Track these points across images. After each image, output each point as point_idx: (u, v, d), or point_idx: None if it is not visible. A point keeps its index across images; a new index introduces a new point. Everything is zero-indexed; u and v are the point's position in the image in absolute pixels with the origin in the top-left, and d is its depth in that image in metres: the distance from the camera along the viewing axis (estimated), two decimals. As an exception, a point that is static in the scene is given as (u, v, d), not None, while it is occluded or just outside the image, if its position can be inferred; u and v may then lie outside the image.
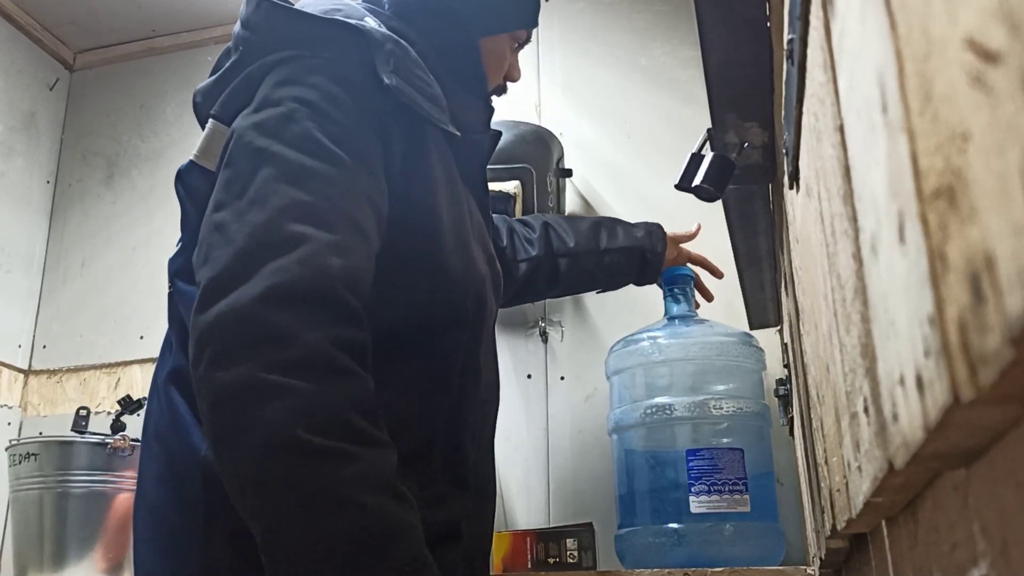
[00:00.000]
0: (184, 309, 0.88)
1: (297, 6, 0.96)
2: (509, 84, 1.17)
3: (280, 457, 0.67)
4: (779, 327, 1.66)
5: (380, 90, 0.86)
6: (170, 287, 0.94)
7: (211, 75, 1.00)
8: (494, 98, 1.15)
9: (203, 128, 0.96)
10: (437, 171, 0.93)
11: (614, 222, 1.47)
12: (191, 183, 0.92)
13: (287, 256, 0.73)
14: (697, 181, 1.08)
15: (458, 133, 0.95)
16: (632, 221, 1.51)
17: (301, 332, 0.70)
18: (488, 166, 1.83)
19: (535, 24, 1.13)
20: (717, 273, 1.54)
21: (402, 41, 0.92)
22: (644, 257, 1.44)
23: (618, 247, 1.42)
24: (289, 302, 0.71)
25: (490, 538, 1.05)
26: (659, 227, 1.48)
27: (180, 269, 0.92)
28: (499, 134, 1.16)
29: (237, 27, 0.96)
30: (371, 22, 0.93)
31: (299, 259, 0.73)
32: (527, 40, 1.15)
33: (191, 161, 0.92)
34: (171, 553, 0.84)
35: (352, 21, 0.90)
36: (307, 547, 0.66)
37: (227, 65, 0.95)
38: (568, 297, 1.97)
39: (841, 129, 0.38)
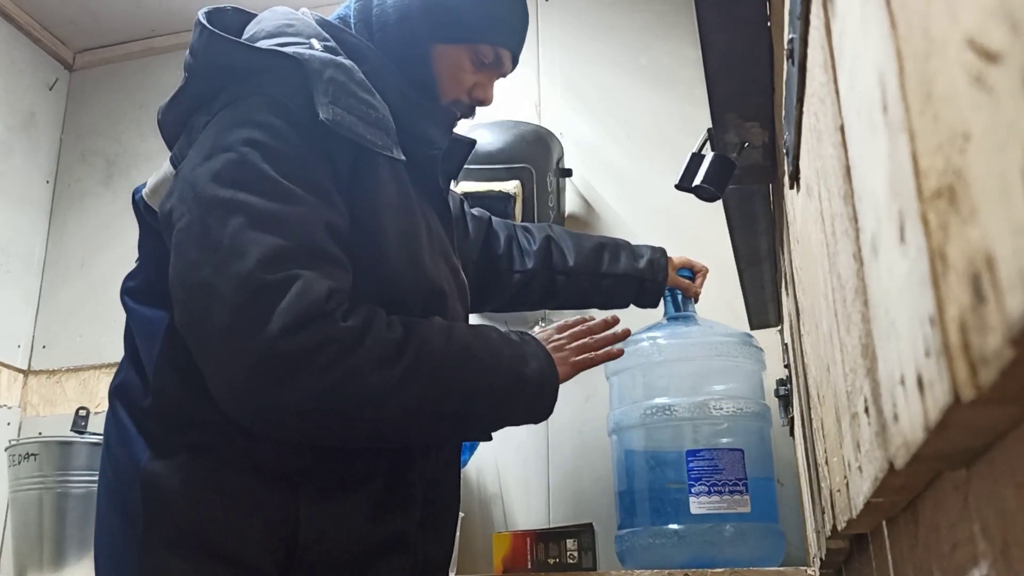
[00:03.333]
0: (136, 328, 0.97)
1: (250, 24, 1.00)
2: (481, 107, 1.14)
3: (407, 384, 0.84)
4: (779, 327, 1.66)
5: (319, 122, 0.89)
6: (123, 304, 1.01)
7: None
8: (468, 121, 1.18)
9: (170, 147, 1.00)
10: (384, 193, 0.95)
11: (618, 246, 1.43)
12: (143, 212, 0.99)
13: (284, 298, 0.80)
14: (697, 181, 1.08)
15: (402, 158, 0.96)
16: (639, 244, 1.47)
17: (330, 335, 0.82)
18: (488, 166, 1.85)
19: (499, 43, 1.10)
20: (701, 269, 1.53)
21: (346, 63, 0.93)
22: (643, 286, 1.41)
23: (617, 273, 1.40)
24: (303, 327, 0.80)
25: (449, 548, 1.07)
26: (663, 255, 1.44)
27: (134, 289, 1.00)
28: (473, 142, 1.18)
29: (187, 55, 0.99)
30: (316, 44, 0.95)
31: (297, 295, 0.81)
32: (496, 62, 1.12)
33: (142, 196, 0.99)
34: (115, 560, 0.90)
35: (290, 50, 0.92)
36: (479, 390, 0.88)
37: (176, 89, 0.99)
38: (568, 297, 1.97)
39: (842, 129, 0.38)
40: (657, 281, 1.42)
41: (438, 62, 1.06)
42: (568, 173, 1.97)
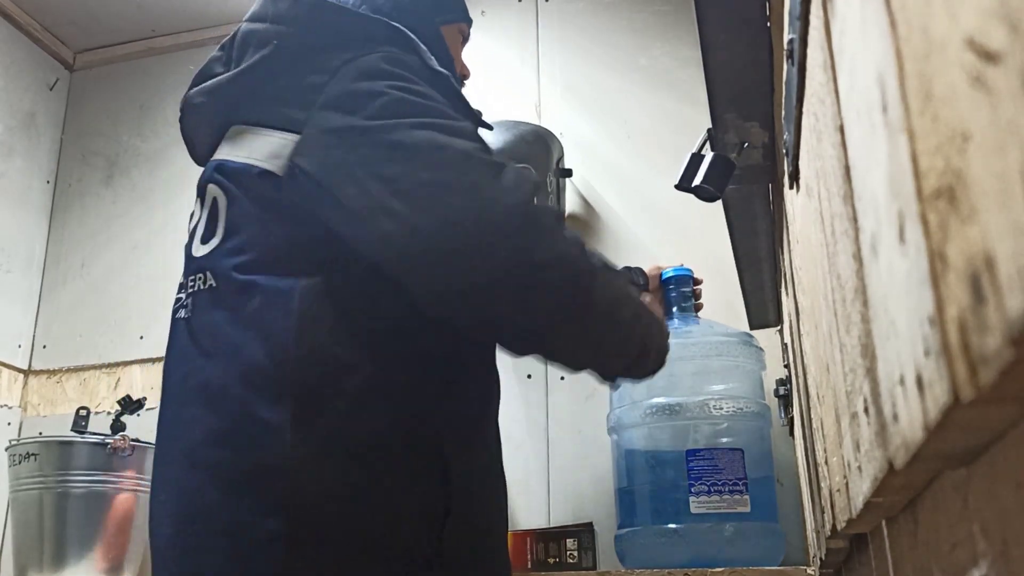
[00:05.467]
0: (264, 302, 0.87)
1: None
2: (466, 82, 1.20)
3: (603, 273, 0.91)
4: (779, 327, 1.66)
5: (438, 78, 0.94)
6: (213, 283, 0.92)
7: (211, 76, 1.01)
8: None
9: (202, 128, 1.00)
10: None
11: None
12: (247, 182, 0.93)
13: (509, 171, 0.86)
14: (697, 181, 1.08)
15: (491, 127, 1.04)
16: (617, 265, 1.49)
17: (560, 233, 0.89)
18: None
19: (470, 20, 1.20)
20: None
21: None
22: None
23: None
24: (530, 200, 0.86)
25: (506, 521, 1.09)
26: (640, 270, 1.43)
27: (246, 264, 0.90)
28: None
29: (260, 24, 0.97)
30: None
31: (516, 171, 0.87)
32: (467, 37, 1.20)
33: (250, 165, 0.93)
34: (241, 561, 0.81)
35: (389, 21, 0.97)
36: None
37: (252, 61, 0.96)
38: (568, 297, 1.97)
39: (841, 129, 0.38)
40: (638, 285, 1.40)
41: (448, 41, 1.12)
42: (568, 173, 1.97)
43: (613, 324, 0.93)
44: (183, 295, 0.97)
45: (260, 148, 0.93)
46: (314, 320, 0.86)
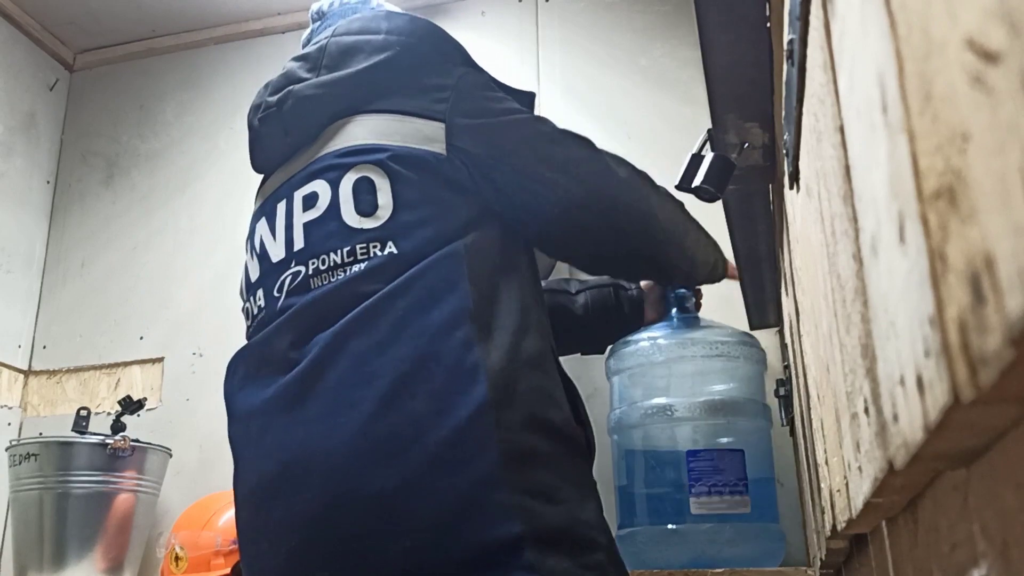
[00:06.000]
0: (477, 259, 1.03)
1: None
2: None
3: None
4: (779, 327, 1.66)
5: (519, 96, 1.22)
6: (394, 250, 1.03)
7: (299, 80, 1.16)
8: None
9: (311, 117, 1.13)
10: None
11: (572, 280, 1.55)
12: (407, 161, 1.06)
13: (622, 168, 1.20)
14: (697, 181, 1.08)
15: None
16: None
17: (655, 191, 1.24)
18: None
19: None
20: None
21: None
22: (619, 293, 1.48)
23: (591, 284, 1.47)
24: (643, 181, 1.22)
25: None
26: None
27: (428, 233, 1.04)
28: None
29: (371, 35, 1.16)
30: None
31: (628, 171, 1.20)
32: None
33: (406, 147, 1.07)
34: (471, 455, 0.91)
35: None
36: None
37: (374, 61, 1.12)
38: (568, 297, 1.97)
39: (841, 129, 0.38)
40: (634, 295, 1.48)
41: None
42: (568, 173, 1.97)
43: (695, 241, 1.26)
44: (313, 265, 1.05)
45: (411, 133, 1.08)
46: (480, 267, 1.03)
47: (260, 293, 1.09)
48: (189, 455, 2.06)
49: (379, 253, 1.03)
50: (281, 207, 1.11)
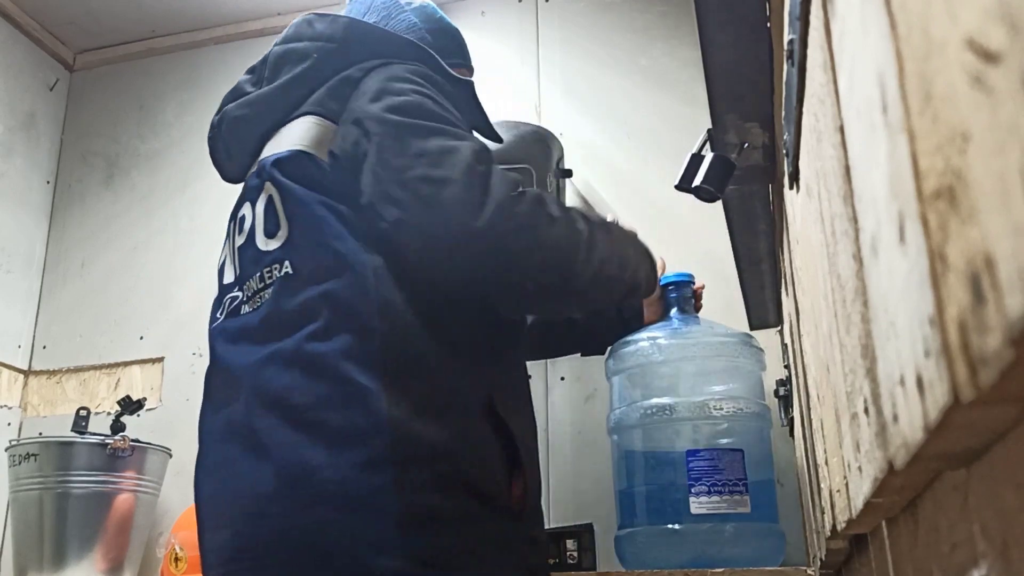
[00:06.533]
0: (343, 283, 0.95)
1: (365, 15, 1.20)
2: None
3: (595, 240, 1.02)
4: (779, 327, 1.66)
5: (461, 86, 1.08)
6: (290, 271, 0.99)
7: (243, 95, 1.12)
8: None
9: (243, 138, 1.10)
10: None
11: None
12: (296, 170, 1.01)
13: (496, 176, 0.96)
14: (697, 181, 1.08)
15: (501, 139, 1.19)
16: None
17: (547, 210, 0.98)
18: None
19: (472, 70, 1.31)
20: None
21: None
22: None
23: None
24: (521, 199, 0.96)
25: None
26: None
27: (315, 249, 0.98)
28: None
29: (297, 43, 1.09)
30: None
31: (501, 176, 0.96)
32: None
33: (298, 151, 1.02)
34: (362, 517, 0.87)
35: (417, 40, 1.12)
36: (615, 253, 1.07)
37: (293, 74, 1.07)
38: (568, 297, 1.97)
39: (841, 129, 0.38)
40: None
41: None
42: (568, 173, 1.97)
43: (602, 284, 1.05)
44: (244, 292, 1.03)
45: (303, 135, 1.02)
46: (388, 297, 0.95)
47: (218, 313, 1.10)
48: (189, 455, 2.06)
49: (277, 275, 0.99)
50: (232, 229, 1.12)
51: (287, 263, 0.98)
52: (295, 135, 1.03)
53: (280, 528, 0.89)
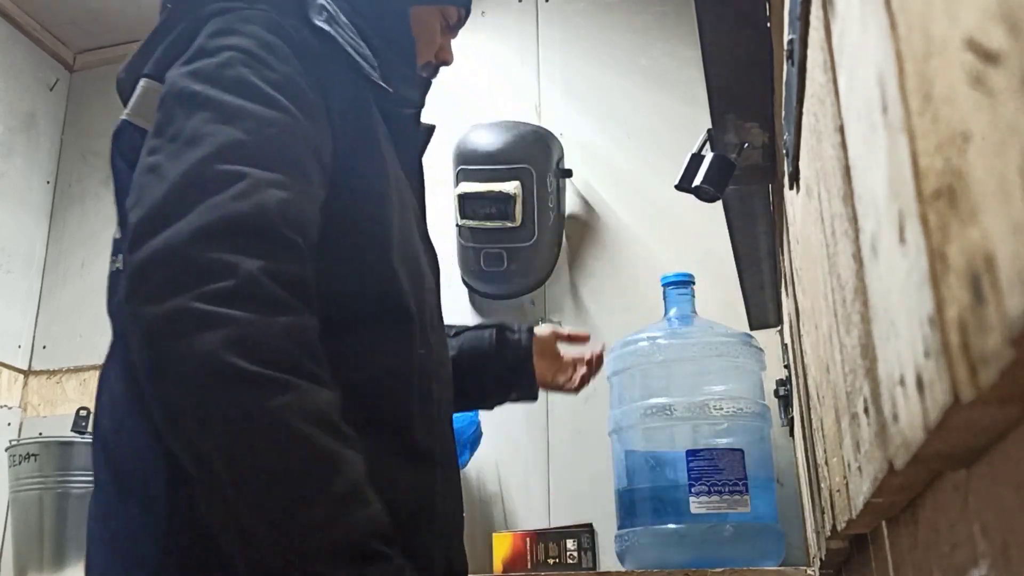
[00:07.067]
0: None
1: None
2: (445, 69, 1.11)
3: (213, 384, 0.65)
4: (779, 327, 1.66)
5: (316, 38, 0.85)
6: (120, 265, 0.84)
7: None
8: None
9: (125, 104, 0.93)
10: (382, 141, 0.89)
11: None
12: (125, 144, 0.88)
13: (222, 193, 0.70)
14: (697, 181, 1.08)
15: (390, 89, 0.91)
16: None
17: (238, 264, 0.68)
18: (488, 166, 1.85)
19: (462, 4, 1.09)
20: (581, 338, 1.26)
21: (331, 4, 0.90)
22: (504, 334, 1.17)
23: (473, 325, 1.19)
24: (225, 236, 0.69)
25: (462, 520, 0.98)
26: (527, 328, 1.22)
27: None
28: (434, 127, 1.09)
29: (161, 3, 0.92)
30: None
31: (235, 195, 0.71)
32: (458, 23, 1.11)
33: (124, 120, 0.89)
34: (128, 552, 0.77)
35: None
36: (238, 473, 0.64)
37: (154, 28, 0.92)
38: (568, 297, 1.97)
39: (841, 129, 0.38)
40: (524, 330, 1.19)
41: (415, 24, 1.04)
42: (568, 173, 1.97)
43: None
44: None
45: (135, 102, 0.89)
46: None
47: None
48: (189, 455, 2.06)
49: (111, 270, 0.87)
50: None
51: (120, 256, 0.84)
52: (131, 103, 0.89)
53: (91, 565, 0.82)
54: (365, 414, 0.79)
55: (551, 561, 1.61)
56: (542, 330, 1.20)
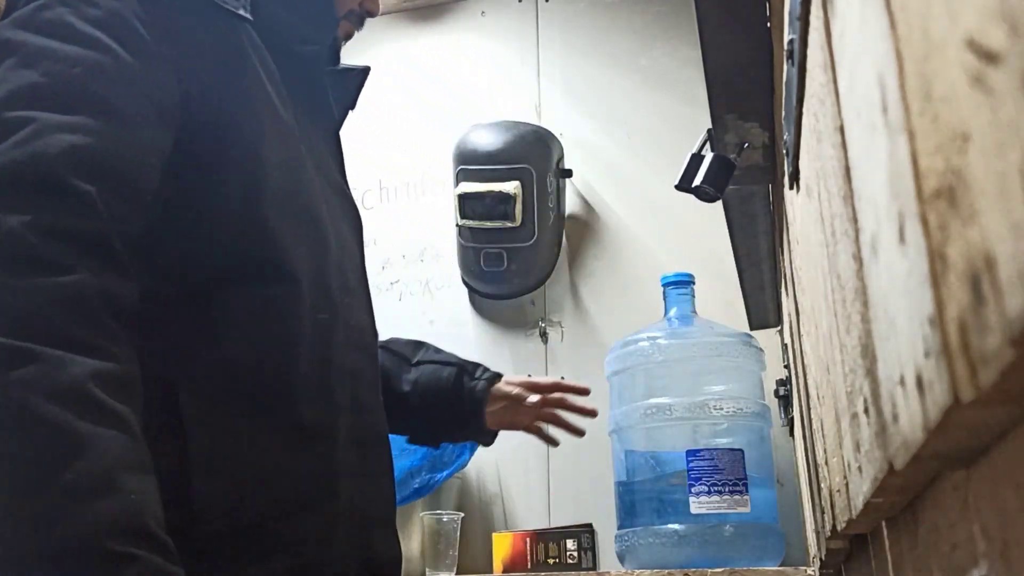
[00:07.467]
0: None
1: None
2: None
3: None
4: (779, 327, 1.66)
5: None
6: None
7: None
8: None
9: None
10: (254, 82, 0.81)
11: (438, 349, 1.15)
12: None
13: (3, 142, 0.64)
14: (697, 181, 1.08)
15: (249, 17, 0.83)
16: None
17: (2, 219, 0.61)
18: (488, 166, 1.85)
19: None
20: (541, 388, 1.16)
21: None
22: (462, 379, 1.09)
23: (437, 359, 1.11)
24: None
25: (391, 506, 0.91)
26: (495, 375, 1.14)
27: None
28: (367, 68, 1.01)
29: None
30: None
31: (15, 143, 0.64)
32: None
33: None
34: None
35: None
36: None
37: None
38: (568, 297, 1.97)
39: (841, 129, 0.38)
40: (486, 375, 1.11)
41: None
42: (568, 174, 1.97)
43: None
44: None
45: None
46: None
47: None
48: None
49: None
50: None
51: None
52: None
53: None
54: (240, 388, 0.74)
55: (551, 561, 1.61)
56: (509, 382, 1.11)
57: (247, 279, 0.77)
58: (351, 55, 1.02)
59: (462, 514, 1.70)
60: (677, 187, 1.12)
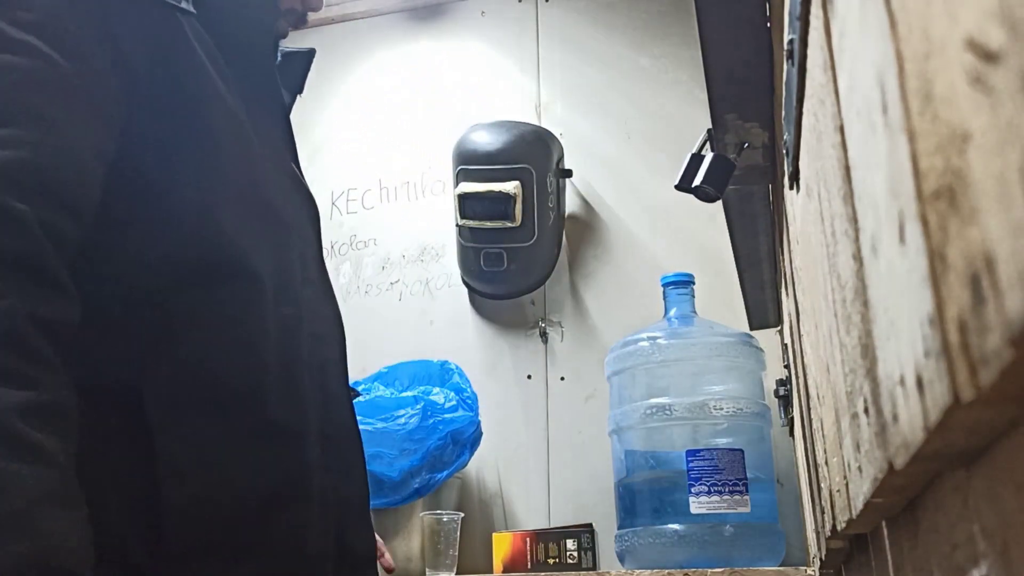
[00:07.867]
0: None
1: None
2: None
3: None
4: (779, 327, 1.66)
5: None
6: None
7: None
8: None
9: None
10: (203, 78, 0.79)
11: None
12: None
13: None
14: (697, 181, 1.08)
15: (192, 10, 0.80)
16: None
17: None
18: (488, 166, 1.85)
19: None
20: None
21: None
22: None
23: None
24: None
25: (364, 498, 0.90)
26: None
27: None
28: (313, 50, 0.99)
29: None
30: None
31: None
32: None
33: None
34: None
35: None
36: None
37: None
38: (568, 297, 1.97)
39: (841, 129, 0.38)
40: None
41: None
42: (568, 173, 1.97)
43: None
44: None
45: None
46: None
47: None
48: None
49: None
50: None
51: None
52: None
53: None
54: (206, 391, 0.73)
55: (551, 561, 1.61)
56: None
57: (207, 280, 0.75)
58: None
59: (462, 514, 1.70)
60: (677, 187, 1.12)
